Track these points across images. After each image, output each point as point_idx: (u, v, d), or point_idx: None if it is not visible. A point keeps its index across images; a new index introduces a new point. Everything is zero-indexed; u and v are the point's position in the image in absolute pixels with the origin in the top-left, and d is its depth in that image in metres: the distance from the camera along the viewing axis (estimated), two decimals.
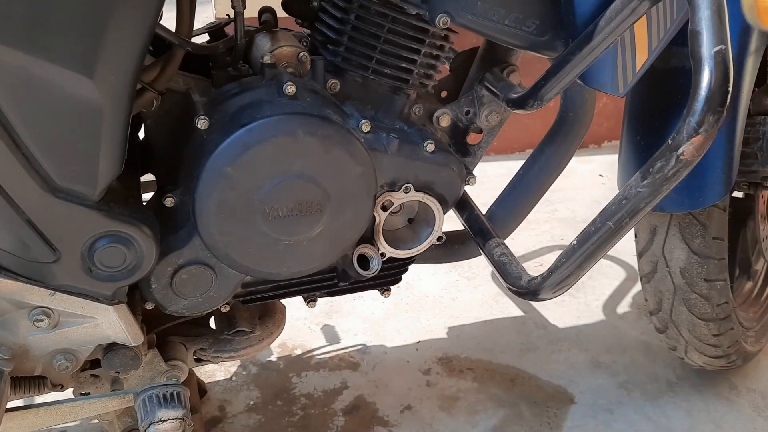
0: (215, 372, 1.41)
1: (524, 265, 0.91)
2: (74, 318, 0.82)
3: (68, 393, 0.95)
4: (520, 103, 0.90)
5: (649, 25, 0.89)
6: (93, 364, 0.92)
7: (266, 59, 0.85)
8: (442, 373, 1.42)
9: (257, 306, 1.06)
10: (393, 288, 1.06)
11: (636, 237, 1.24)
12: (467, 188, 1.00)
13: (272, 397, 1.35)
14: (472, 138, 1.03)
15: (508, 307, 1.64)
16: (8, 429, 0.86)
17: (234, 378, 1.40)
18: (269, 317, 1.06)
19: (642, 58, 0.91)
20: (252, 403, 1.34)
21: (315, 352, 1.48)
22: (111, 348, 0.88)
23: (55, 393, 0.93)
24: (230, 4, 0.85)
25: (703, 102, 0.69)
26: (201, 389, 1.32)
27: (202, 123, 0.80)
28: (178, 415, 0.87)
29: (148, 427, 0.86)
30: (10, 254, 0.76)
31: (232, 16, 0.87)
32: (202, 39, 0.95)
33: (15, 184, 0.71)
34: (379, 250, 0.94)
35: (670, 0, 0.89)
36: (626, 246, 1.55)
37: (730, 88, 0.70)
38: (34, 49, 0.65)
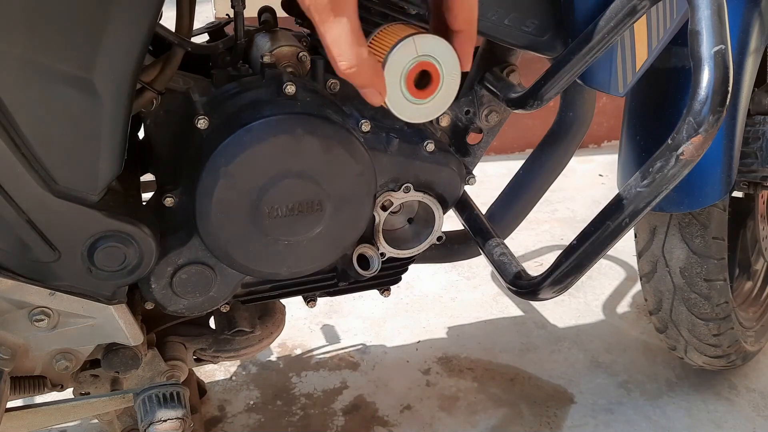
0: (215, 372, 1.41)
1: (524, 265, 0.91)
2: (74, 318, 0.82)
3: (68, 393, 0.95)
4: (519, 102, 0.90)
5: (649, 25, 0.89)
6: (93, 363, 0.92)
7: (266, 59, 0.85)
8: (442, 373, 1.42)
9: (257, 306, 1.06)
10: (393, 288, 1.05)
11: (636, 237, 1.24)
12: (467, 188, 1.00)
13: (272, 397, 1.36)
14: (471, 138, 1.03)
15: (507, 307, 1.64)
16: (8, 429, 0.86)
17: (234, 378, 1.40)
18: (269, 317, 1.06)
19: (642, 57, 0.91)
20: (252, 403, 1.34)
21: (315, 352, 1.49)
22: (111, 348, 0.88)
23: (55, 393, 0.93)
24: (230, 4, 0.85)
25: (702, 102, 0.69)
26: (201, 389, 1.32)
27: (201, 123, 0.80)
28: (178, 415, 0.87)
29: (148, 427, 0.86)
30: (10, 254, 0.76)
31: (231, 15, 0.87)
32: (202, 39, 0.95)
33: (15, 184, 0.71)
34: (378, 249, 0.94)
35: (670, 0, 0.89)
36: (626, 246, 1.56)
37: (730, 88, 0.70)
38: (34, 48, 0.65)
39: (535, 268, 1.78)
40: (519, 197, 1.15)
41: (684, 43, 0.73)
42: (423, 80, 0.59)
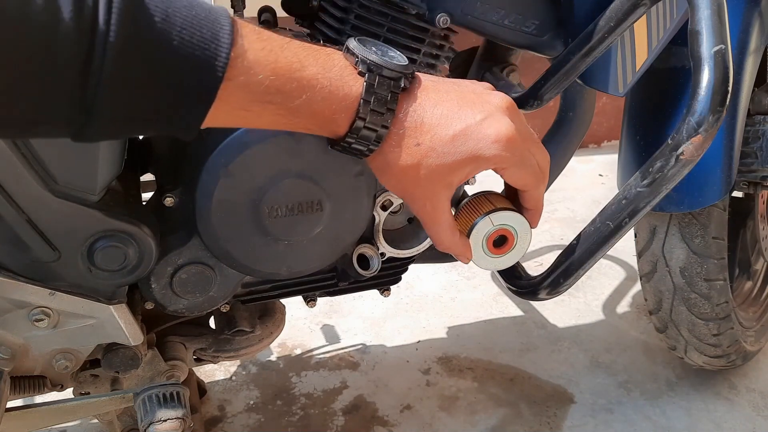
0: (215, 372, 1.41)
1: (524, 265, 0.91)
2: (74, 318, 0.82)
3: (68, 393, 0.95)
4: (519, 102, 0.90)
5: (649, 25, 0.89)
6: (93, 363, 0.92)
7: None
8: (441, 373, 1.42)
9: (257, 306, 1.06)
10: (393, 288, 1.05)
11: (636, 237, 1.24)
12: (467, 188, 1.00)
13: (272, 396, 1.36)
14: None
15: (507, 307, 1.64)
16: (8, 429, 0.86)
17: (234, 378, 1.40)
18: (269, 317, 1.06)
19: (642, 57, 0.91)
20: (252, 402, 1.34)
21: (315, 352, 1.49)
22: (111, 348, 0.88)
23: (55, 393, 0.93)
24: (230, 4, 0.85)
25: (702, 102, 0.69)
26: (201, 389, 1.32)
27: None
28: (178, 414, 0.87)
29: (148, 426, 0.86)
30: (11, 253, 0.76)
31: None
32: None
33: (15, 184, 0.71)
34: (378, 249, 0.94)
35: (670, 0, 0.89)
36: (626, 246, 1.56)
37: (730, 88, 0.70)
38: None
39: (535, 268, 1.78)
40: None
41: (684, 42, 0.73)
42: (501, 240, 0.74)
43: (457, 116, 0.64)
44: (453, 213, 0.71)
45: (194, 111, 0.53)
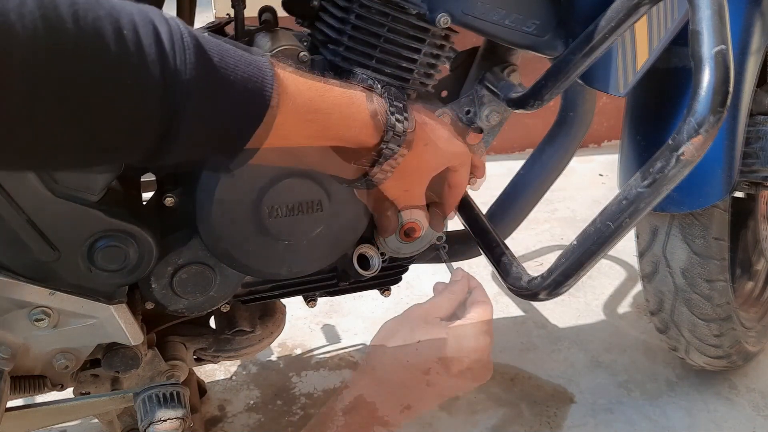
0: (215, 372, 1.41)
1: (524, 265, 0.91)
2: (74, 318, 0.82)
3: (68, 393, 0.95)
4: (520, 102, 0.90)
5: (649, 25, 0.89)
6: (93, 363, 0.92)
7: None
8: (442, 373, 1.42)
9: (257, 306, 1.06)
10: (393, 288, 1.05)
11: (637, 237, 1.24)
12: (467, 188, 1.00)
13: (272, 396, 1.35)
14: (472, 138, 1.03)
15: (508, 307, 1.64)
16: (8, 429, 0.86)
17: (234, 378, 1.40)
18: (269, 317, 1.06)
19: (642, 58, 0.91)
20: (252, 402, 1.34)
21: (315, 352, 1.48)
22: (111, 347, 0.88)
23: (55, 393, 0.93)
24: (230, 3, 0.85)
25: (703, 102, 0.69)
26: (201, 389, 1.32)
27: None
28: (178, 414, 0.87)
29: (148, 426, 0.86)
30: (10, 254, 0.76)
31: (232, 15, 0.86)
32: None
33: (16, 184, 0.71)
34: (379, 249, 0.94)
35: (671, 0, 0.89)
36: (627, 246, 1.55)
37: (731, 88, 0.69)
38: None
39: (535, 268, 1.78)
40: (519, 197, 1.15)
41: (685, 43, 0.73)
42: (409, 231, 0.90)
43: (433, 166, 0.79)
44: None
45: (229, 153, 0.61)
